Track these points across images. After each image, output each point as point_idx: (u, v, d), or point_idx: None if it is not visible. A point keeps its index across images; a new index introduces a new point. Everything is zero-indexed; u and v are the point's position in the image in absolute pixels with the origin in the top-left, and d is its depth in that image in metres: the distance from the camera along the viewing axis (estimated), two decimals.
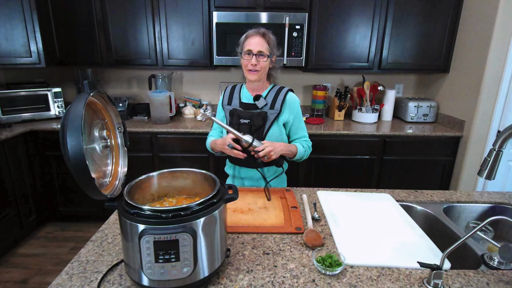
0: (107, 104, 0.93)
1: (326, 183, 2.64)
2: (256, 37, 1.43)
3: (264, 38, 1.43)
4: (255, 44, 1.41)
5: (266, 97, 1.50)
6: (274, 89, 1.53)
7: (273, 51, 1.47)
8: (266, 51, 1.43)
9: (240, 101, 1.54)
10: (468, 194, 1.46)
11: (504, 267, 0.98)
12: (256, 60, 1.41)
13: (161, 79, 2.98)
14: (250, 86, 1.54)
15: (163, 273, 0.76)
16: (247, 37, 1.45)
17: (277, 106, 1.49)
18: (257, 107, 1.49)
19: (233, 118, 1.50)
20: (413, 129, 2.67)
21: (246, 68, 1.45)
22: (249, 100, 1.52)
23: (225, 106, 1.57)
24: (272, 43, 1.46)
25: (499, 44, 2.30)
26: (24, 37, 2.58)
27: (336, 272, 0.89)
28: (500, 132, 1.84)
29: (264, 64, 1.44)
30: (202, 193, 0.98)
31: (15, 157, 2.46)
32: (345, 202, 1.34)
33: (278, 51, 1.51)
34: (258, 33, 1.43)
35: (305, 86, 3.19)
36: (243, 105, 1.52)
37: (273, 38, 1.47)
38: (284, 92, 1.51)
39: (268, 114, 1.48)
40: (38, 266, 2.34)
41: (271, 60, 1.48)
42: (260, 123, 1.47)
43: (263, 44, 1.42)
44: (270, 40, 1.45)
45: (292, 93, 1.54)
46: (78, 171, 0.70)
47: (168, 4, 2.59)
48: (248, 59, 1.43)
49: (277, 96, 1.50)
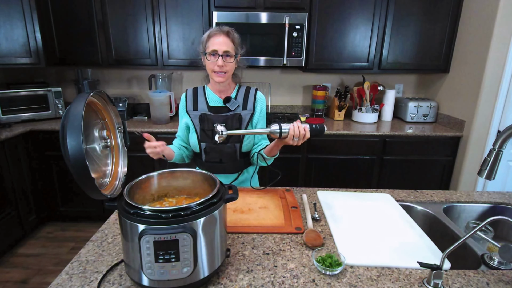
0: (107, 104, 0.93)
1: (326, 183, 2.64)
2: (220, 36, 1.33)
3: (228, 37, 1.34)
4: (220, 43, 1.32)
5: (236, 98, 1.45)
6: (242, 89, 1.48)
7: (238, 50, 1.40)
8: (232, 50, 1.35)
9: (207, 105, 1.45)
10: (468, 194, 1.46)
11: (504, 267, 0.98)
12: (223, 61, 1.33)
13: (161, 79, 2.98)
14: (216, 88, 1.46)
15: (163, 273, 0.76)
16: (210, 36, 1.35)
17: (249, 106, 1.45)
18: (230, 110, 1.43)
19: (204, 124, 1.42)
20: (413, 129, 2.67)
21: (211, 70, 1.37)
22: (218, 103, 1.45)
23: (191, 112, 1.46)
24: (237, 42, 1.38)
25: (499, 44, 2.30)
26: (24, 37, 2.58)
27: (336, 272, 0.89)
28: (500, 132, 1.84)
29: (231, 65, 1.37)
30: (202, 193, 0.98)
31: (15, 157, 2.46)
32: (345, 202, 1.33)
33: (242, 50, 1.43)
34: (222, 31, 1.34)
35: (305, 86, 3.19)
36: (212, 109, 1.44)
37: (237, 36, 1.39)
38: (254, 91, 1.48)
39: (242, 115, 1.44)
40: (38, 266, 2.34)
41: (236, 60, 1.40)
42: (236, 125, 1.42)
43: (229, 44, 1.34)
44: (235, 39, 1.37)
45: (259, 92, 1.51)
46: (78, 171, 0.70)
47: (168, 4, 2.59)
48: (214, 60, 1.34)
49: (247, 96, 1.45)
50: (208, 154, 1.46)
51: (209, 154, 1.46)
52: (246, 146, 1.46)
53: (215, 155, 1.45)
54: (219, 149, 1.44)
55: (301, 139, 1.19)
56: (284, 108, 3.22)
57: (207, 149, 1.45)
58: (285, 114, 3.09)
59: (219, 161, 1.46)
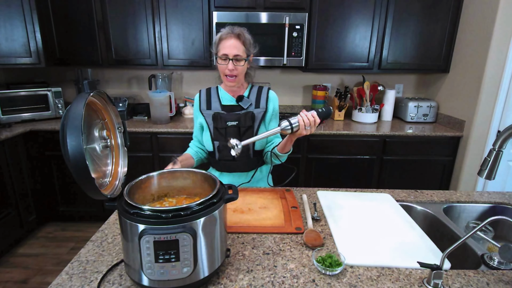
0: (107, 104, 0.93)
1: (326, 183, 2.64)
2: (231, 39, 1.33)
3: (239, 40, 1.34)
4: (231, 47, 1.32)
5: (248, 97, 1.46)
6: (255, 88, 1.49)
7: (250, 51, 1.39)
8: (243, 53, 1.35)
9: (220, 104, 1.47)
10: (468, 194, 1.46)
11: (504, 267, 0.98)
12: (233, 66, 1.33)
13: (161, 79, 2.98)
14: (229, 88, 1.48)
15: (163, 273, 0.76)
16: (221, 39, 1.35)
17: (262, 104, 1.45)
18: (242, 108, 1.44)
19: (217, 123, 1.43)
20: (413, 129, 2.67)
21: (223, 74, 1.38)
22: (231, 102, 1.47)
23: (204, 112, 1.48)
24: (248, 43, 1.38)
25: (499, 44, 2.30)
26: (24, 37, 2.58)
27: (336, 272, 0.89)
28: (500, 132, 1.84)
29: (242, 68, 1.37)
30: (202, 193, 0.98)
31: (15, 157, 2.46)
32: (345, 202, 1.33)
33: (255, 49, 1.42)
34: (232, 34, 1.33)
35: (305, 86, 3.19)
36: (225, 107, 1.45)
37: (249, 37, 1.38)
38: (266, 90, 1.49)
39: (255, 113, 1.45)
40: (38, 266, 2.34)
41: (248, 61, 1.40)
42: (249, 123, 1.43)
43: (239, 47, 1.33)
44: (246, 40, 1.36)
45: (272, 91, 1.52)
46: (78, 171, 0.70)
47: (168, 4, 2.59)
48: (225, 64, 1.34)
49: (260, 95, 1.46)
50: (221, 152, 1.48)
51: (222, 152, 1.48)
52: (259, 144, 1.48)
53: (228, 153, 1.46)
54: None
55: (312, 126, 1.19)
56: (284, 108, 3.22)
57: (220, 147, 1.47)
58: (285, 114, 3.09)
59: (232, 159, 1.47)
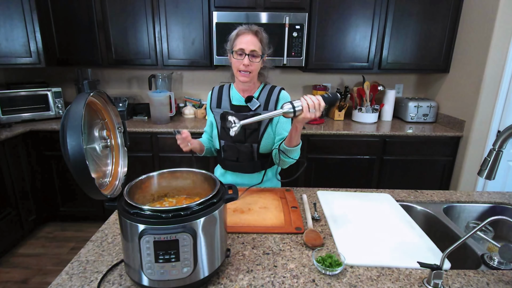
0: (107, 104, 0.93)
1: (326, 183, 2.64)
2: (248, 35, 1.33)
3: (257, 37, 1.34)
4: (248, 42, 1.32)
5: (258, 98, 1.45)
6: (266, 89, 1.46)
7: (265, 50, 1.39)
8: (259, 50, 1.35)
9: (230, 103, 1.46)
10: (468, 194, 1.46)
11: (504, 267, 0.98)
12: (249, 61, 1.33)
13: (161, 79, 2.98)
14: (241, 87, 1.46)
15: (163, 273, 0.76)
16: (238, 35, 1.35)
17: (270, 106, 1.43)
18: (250, 109, 1.42)
19: (224, 122, 1.43)
20: (413, 129, 2.67)
21: (237, 69, 1.37)
22: (240, 102, 1.45)
23: (214, 109, 1.49)
24: (265, 42, 1.38)
25: (499, 44, 2.30)
26: (24, 37, 2.58)
27: (336, 272, 0.89)
28: (500, 132, 1.84)
29: (257, 65, 1.36)
30: (202, 193, 0.98)
31: (15, 157, 2.46)
32: (345, 202, 1.33)
33: (269, 50, 1.43)
34: (250, 30, 1.34)
35: (305, 86, 3.19)
36: (234, 107, 1.45)
37: (266, 36, 1.39)
38: (277, 91, 1.45)
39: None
40: (38, 266, 2.34)
41: (263, 60, 1.40)
42: (255, 125, 1.42)
43: (256, 43, 1.33)
44: (263, 39, 1.36)
45: (285, 91, 1.48)
46: (78, 171, 0.70)
47: (168, 4, 2.59)
48: (240, 59, 1.34)
49: (270, 96, 1.44)
50: (226, 151, 1.48)
51: (226, 151, 1.48)
52: (263, 147, 1.45)
53: (232, 153, 1.47)
54: (236, 148, 1.45)
55: (317, 109, 1.11)
56: None
57: (225, 147, 1.47)
58: None
59: (235, 159, 1.47)
